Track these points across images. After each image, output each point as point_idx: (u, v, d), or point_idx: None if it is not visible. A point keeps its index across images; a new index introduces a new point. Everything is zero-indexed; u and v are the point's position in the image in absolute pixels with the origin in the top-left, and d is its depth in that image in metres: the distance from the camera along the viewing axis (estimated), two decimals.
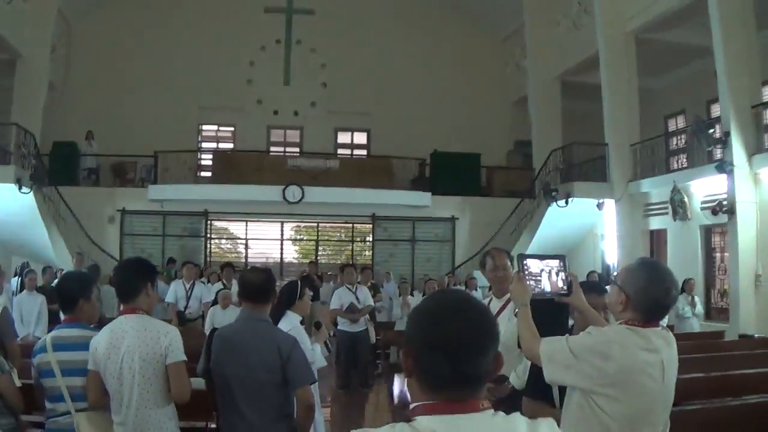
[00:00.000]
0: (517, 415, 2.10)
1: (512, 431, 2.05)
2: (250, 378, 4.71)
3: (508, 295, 5.81)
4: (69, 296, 4.94)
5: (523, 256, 4.11)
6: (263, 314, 5.00)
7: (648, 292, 3.61)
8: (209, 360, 4.89)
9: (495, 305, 6.00)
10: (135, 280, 4.70)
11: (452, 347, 2.00)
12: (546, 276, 4.02)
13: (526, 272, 3.98)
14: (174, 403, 4.64)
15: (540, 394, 4.31)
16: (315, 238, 26.66)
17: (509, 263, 5.90)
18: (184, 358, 4.61)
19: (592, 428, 3.57)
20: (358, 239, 26.76)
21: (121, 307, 4.75)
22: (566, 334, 3.82)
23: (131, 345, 4.45)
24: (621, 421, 3.52)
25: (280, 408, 4.82)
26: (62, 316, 5.24)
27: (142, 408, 4.45)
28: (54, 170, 22.16)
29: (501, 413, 2.07)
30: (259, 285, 5.00)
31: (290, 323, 6.25)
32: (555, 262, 4.08)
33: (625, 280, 3.71)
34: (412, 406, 2.06)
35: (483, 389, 2.08)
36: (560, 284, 4.06)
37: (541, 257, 4.12)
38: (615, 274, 6.08)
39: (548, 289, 4.03)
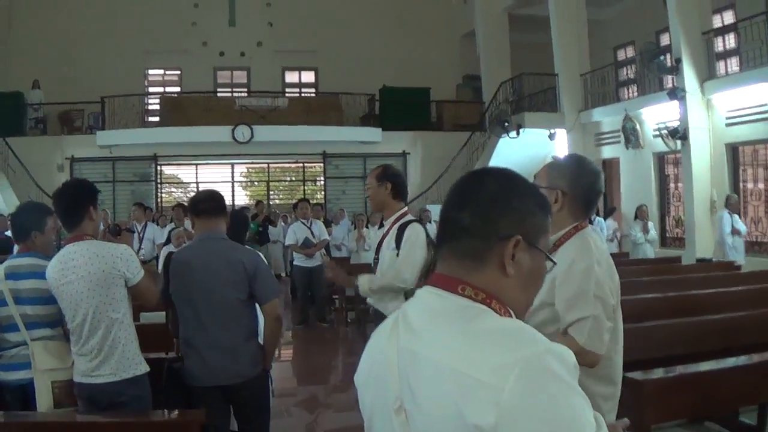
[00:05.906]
0: None
1: None
2: (218, 296, 4.62)
3: (391, 219, 5.58)
4: (22, 227, 4.84)
5: None
6: (220, 232, 4.85)
7: (581, 176, 3.38)
8: (168, 284, 4.77)
9: (382, 231, 5.78)
10: (77, 206, 4.52)
11: None
12: None
13: None
14: (134, 327, 4.52)
15: None
16: (266, 179, 26.51)
17: (375, 181, 5.57)
18: (143, 271, 4.47)
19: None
20: (310, 180, 26.60)
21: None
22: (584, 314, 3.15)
23: (86, 274, 4.27)
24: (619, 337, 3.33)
25: (248, 326, 4.77)
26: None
27: (107, 333, 4.30)
28: (0, 121, 21.76)
29: None
30: (206, 197, 4.91)
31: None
32: None
33: (553, 177, 3.42)
34: None
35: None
36: None
37: None
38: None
39: None
